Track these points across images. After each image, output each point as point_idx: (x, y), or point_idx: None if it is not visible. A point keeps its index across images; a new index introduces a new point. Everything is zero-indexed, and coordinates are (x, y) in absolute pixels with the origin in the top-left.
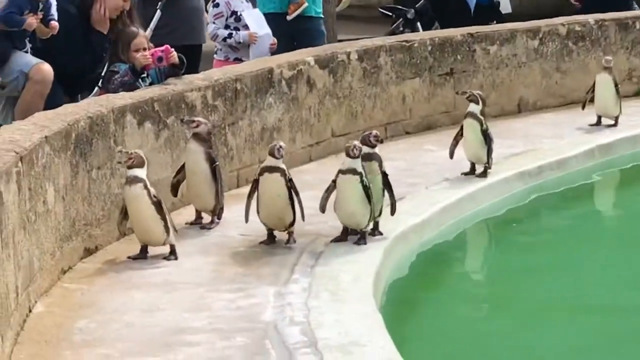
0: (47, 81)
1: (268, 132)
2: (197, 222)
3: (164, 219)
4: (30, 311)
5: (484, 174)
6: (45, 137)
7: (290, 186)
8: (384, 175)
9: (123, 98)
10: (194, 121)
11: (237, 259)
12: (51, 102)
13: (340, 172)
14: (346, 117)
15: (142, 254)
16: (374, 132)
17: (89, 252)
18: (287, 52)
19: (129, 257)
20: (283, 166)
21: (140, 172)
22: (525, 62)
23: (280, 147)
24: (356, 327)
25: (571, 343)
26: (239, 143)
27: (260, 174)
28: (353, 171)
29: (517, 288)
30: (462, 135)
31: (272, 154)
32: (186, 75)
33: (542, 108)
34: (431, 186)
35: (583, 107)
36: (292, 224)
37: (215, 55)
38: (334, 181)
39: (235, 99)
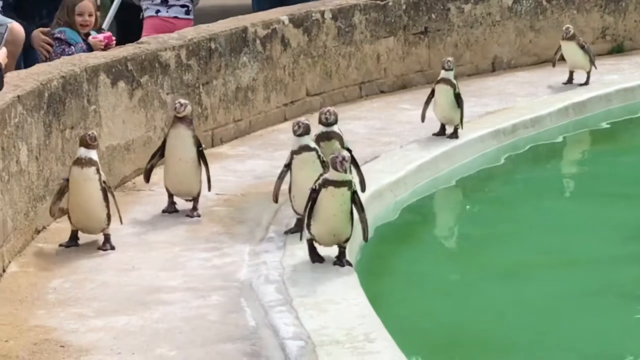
0: (18, 41)
1: (242, 91)
2: (173, 210)
3: (108, 206)
4: (4, 271)
5: (454, 135)
6: (18, 96)
7: (356, 201)
8: (348, 151)
9: (96, 57)
10: (181, 105)
11: (212, 218)
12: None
13: (293, 152)
14: (321, 77)
15: (73, 241)
16: (328, 108)
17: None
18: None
19: (60, 245)
20: (350, 177)
21: (94, 154)
22: (499, 20)
23: (344, 158)
24: (331, 284)
25: (543, 297)
26: (214, 102)
27: (324, 186)
28: (306, 148)
29: (491, 244)
30: (433, 97)
31: (334, 167)
32: (161, 34)
33: (516, 67)
34: (406, 145)
35: (554, 65)
36: (348, 239)
37: (145, 13)
38: (288, 165)
39: (209, 58)
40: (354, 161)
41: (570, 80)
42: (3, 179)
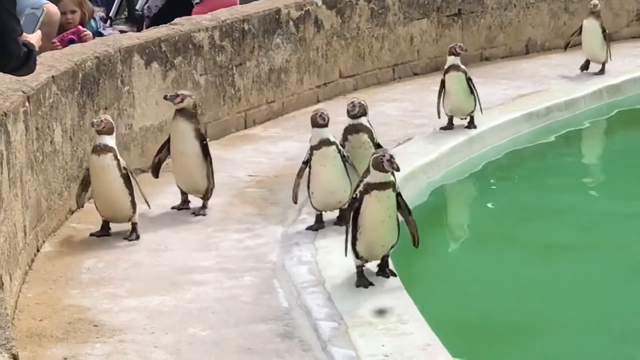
0: (53, 22)
1: (275, 73)
2: (185, 207)
3: (131, 193)
4: (38, 251)
5: (472, 125)
6: (53, 77)
7: (401, 204)
8: (378, 147)
9: (130, 38)
10: (177, 95)
11: (245, 200)
12: None
13: (312, 148)
14: (354, 58)
15: (104, 231)
16: (354, 99)
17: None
18: None
19: (91, 235)
20: (392, 177)
21: (110, 140)
22: (533, 2)
23: (392, 157)
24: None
25: (572, 280)
26: (247, 84)
27: (366, 191)
28: (326, 142)
29: (524, 227)
30: (444, 88)
31: (377, 167)
32: (194, 16)
33: (550, 49)
34: (439, 127)
35: (565, 48)
36: (393, 246)
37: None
38: (306, 162)
39: (242, 40)
40: None
41: (586, 66)
42: (37, 159)
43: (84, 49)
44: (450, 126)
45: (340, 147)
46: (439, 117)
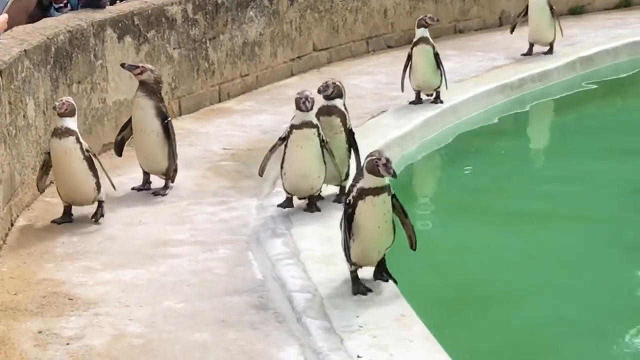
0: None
1: (249, 46)
2: (145, 187)
3: (96, 175)
4: (12, 225)
5: (438, 100)
6: (25, 51)
7: (396, 206)
8: (350, 132)
9: (103, 12)
10: (137, 67)
11: (220, 173)
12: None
13: (293, 127)
14: (327, 31)
15: (67, 217)
16: (332, 80)
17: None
18: None
19: (53, 222)
20: (387, 181)
21: (72, 123)
22: None
23: (388, 160)
24: (338, 238)
25: (544, 249)
26: (220, 57)
27: (360, 197)
28: (309, 124)
29: (497, 198)
30: (410, 62)
31: (372, 171)
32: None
33: (523, 21)
34: (413, 99)
35: (512, 31)
36: (388, 247)
37: None
38: (283, 139)
39: (216, 13)
40: (354, 143)
41: (530, 51)
42: (10, 133)
43: (57, 23)
44: (418, 101)
45: (321, 132)
46: (402, 90)
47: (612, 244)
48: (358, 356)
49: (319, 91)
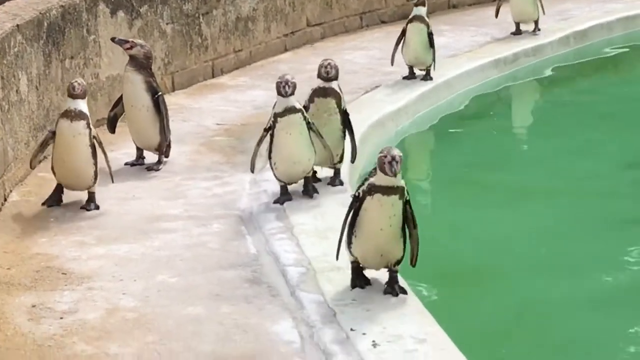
0: None
1: (243, 21)
2: (138, 162)
3: (96, 164)
4: (5, 200)
5: (428, 77)
6: (17, 25)
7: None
8: (344, 114)
9: None
10: (127, 41)
11: (213, 148)
12: None
13: (277, 115)
14: (321, 7)
15: (57, 197)
16: (329, 60)
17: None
18: None
19: (43, 204)
20: (402, 183)
21: (84, 105)
22: None
23: (394, 158)
24: (332, 212)
25: (539, 225)
26: (214, 33)
27: (369, 192)
28: (292, 110)
29: (493, 173)
30: (404, 37)
31: (381, 169)
32: None
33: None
34: (406, 74)
35: (496, 15)
36: (399, 261)
37: None
38: (268, 129)
39: None
40: (348, 125)
41: (517, 31)
42: (3, 108)
43: None
44: (412, 76)
45: (305, 114)
46: (392, 64)
47: (608, 218)
48: (351, 329)
49: (323, 74)
